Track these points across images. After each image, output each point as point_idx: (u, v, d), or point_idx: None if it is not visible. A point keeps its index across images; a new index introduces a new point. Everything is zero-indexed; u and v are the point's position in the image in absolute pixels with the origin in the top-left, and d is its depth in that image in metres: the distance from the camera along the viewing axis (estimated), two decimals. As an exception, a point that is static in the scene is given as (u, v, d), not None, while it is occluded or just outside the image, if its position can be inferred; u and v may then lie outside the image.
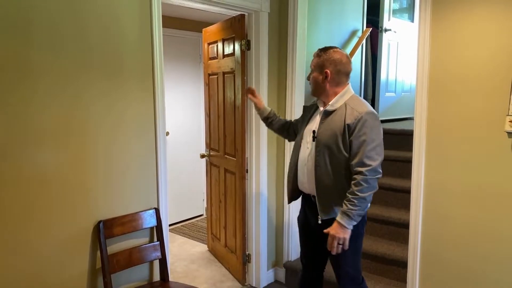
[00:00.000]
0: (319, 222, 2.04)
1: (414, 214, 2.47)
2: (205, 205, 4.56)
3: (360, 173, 1.88)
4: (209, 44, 3.50)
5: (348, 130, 1.93)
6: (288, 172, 2.23)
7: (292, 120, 2.48)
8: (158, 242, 2.35)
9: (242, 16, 2.92)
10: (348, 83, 2.08)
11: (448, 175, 2.31)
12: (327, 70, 2.01)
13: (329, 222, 1.98)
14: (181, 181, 4.57)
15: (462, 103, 2.23)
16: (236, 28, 2.99)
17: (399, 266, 2.79)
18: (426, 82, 2.35)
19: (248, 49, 2.95)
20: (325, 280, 2.42)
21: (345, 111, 1.97)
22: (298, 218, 2.35)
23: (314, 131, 2.05)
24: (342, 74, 2.03)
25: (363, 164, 1.89)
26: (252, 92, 2.49)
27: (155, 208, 2.34)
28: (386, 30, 4.08)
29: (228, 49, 3.16)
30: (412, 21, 4.47)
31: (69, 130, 1.95)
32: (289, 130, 2.43)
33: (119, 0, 2.07)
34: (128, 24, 2.12)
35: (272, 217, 3.23)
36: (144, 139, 2.27)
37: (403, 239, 2.96)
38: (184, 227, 4.54)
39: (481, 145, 2.18)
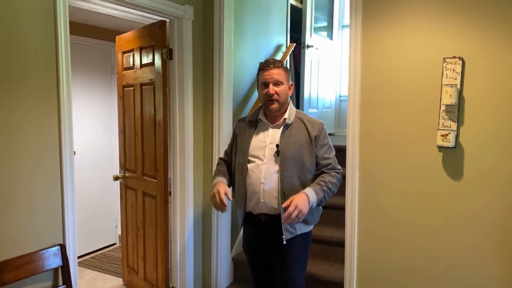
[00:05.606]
0: (284, 242, 1.94)
1: (349, 232, 2.40)
2: (119, 233, 4.08)
3: (335, 170, 2.00)
4: (124, 53, 3.15)
5: (315, 140, 1.99)
6: (237, 197, 2.07)
7: (225, 156, 2.26)
8: (64, 286, 1.94)
9: (163, 22, 2.65)
10: None
11: (382, 188, 2.29)
12: (292, 83, 2.08)
13: (291, 240, 1.96)
14: (90, 207, 4.01)
15: (395, 118, 2.23)
16: (156, 35, 2.71)
17: (335, 287, 2.69)
18: (358, 98, 2.32)
19: (170, 58, 2.68)
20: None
21: (303, 124, 2.01)
22: (244, 246, 2.18)
23: (277, 145, 1.97)
24: None
25: (334, 168, 2.01)
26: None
27: (60, 245, 1.93)
28: (308, 46, 4.12)
29: (147, 59, 2.85)
30: (331, 39, 4.59)
31: None
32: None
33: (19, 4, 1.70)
34: (28, 29, 1.74)
35: (198, 243, 2.95)
36: (46, 162, 1.88)
37: (335, 258, 2.88)
38: (94, 259, 4.00)
39: (414, 158, 2.19)
